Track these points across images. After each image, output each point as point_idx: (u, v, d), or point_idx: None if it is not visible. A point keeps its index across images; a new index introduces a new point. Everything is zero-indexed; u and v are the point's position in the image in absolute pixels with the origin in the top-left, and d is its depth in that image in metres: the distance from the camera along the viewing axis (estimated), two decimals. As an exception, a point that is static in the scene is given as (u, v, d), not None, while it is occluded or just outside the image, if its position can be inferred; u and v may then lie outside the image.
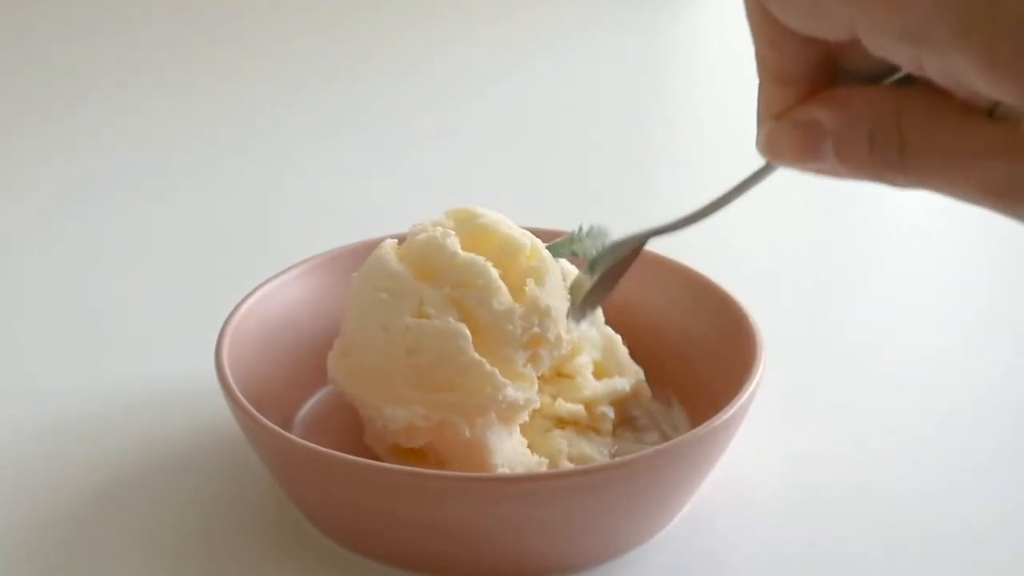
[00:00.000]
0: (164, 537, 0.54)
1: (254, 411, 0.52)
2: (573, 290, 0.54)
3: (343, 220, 0.80)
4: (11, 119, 0.95)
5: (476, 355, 0.52)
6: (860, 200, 0.85)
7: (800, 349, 0.66)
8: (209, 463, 0.58)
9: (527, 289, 0.54)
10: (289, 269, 0.61)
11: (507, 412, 0.53)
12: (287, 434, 0.52)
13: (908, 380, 0.66)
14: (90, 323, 0.70)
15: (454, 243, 0.54)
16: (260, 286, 0.60)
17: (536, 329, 0.53)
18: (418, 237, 0.55)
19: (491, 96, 1.01)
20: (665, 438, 0.57)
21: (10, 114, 0.95)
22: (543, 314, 0.53)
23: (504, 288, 0.53)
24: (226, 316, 0.57)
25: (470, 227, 0.56)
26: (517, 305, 0.53)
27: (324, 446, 0.50)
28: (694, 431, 0.51)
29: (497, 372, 0.53)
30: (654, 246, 0.63)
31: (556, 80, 1.04)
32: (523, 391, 0.53)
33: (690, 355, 0.58)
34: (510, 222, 0.56)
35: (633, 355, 0.60)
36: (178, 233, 0.79)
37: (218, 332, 0.56)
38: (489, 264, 0.54)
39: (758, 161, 0.43)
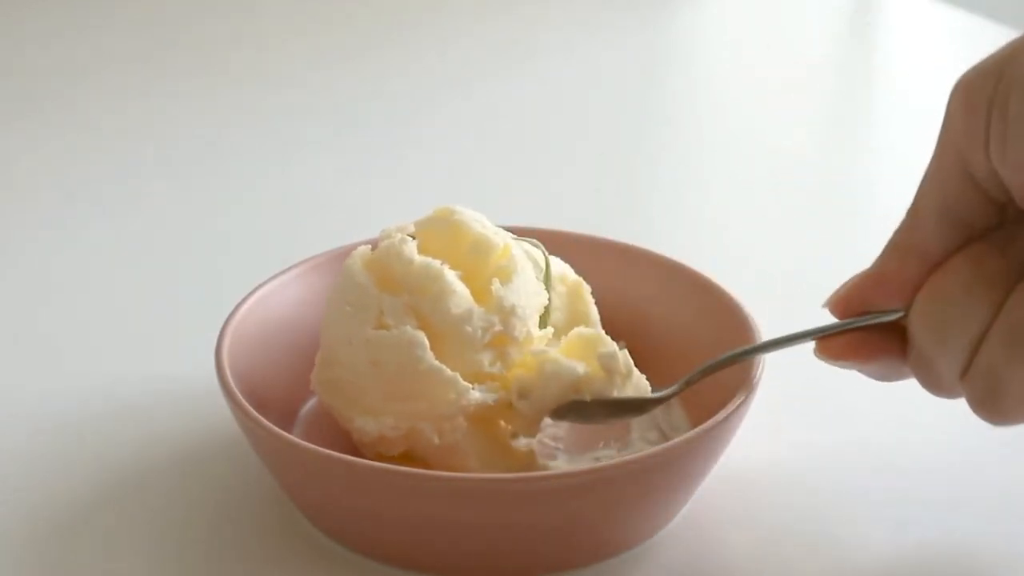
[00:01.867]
0: (164, 537, 0.54)
1: (254, 411, 0.52)
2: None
3: (343, 220, 0.80)
4: (10, 119, 0.94)
5: (435, 362, 0.52)
6: (861, 199, 0.85)
7: (800, 349, 0.66)
8: (209, 463, 0.58)
9: (492, 288, 0.53)
10: (289, 269, 0.61)
11: (478, 414, 0.53)
12: (287, 434, 0.52)
13: (908, 380, 0.65)
14: (90, 323, 0.70)
15: (411, 249, 0.54)
16: (260, 286, 0.60)
17: (499, 328, 0.53)
18: (381, 244, 0.55)
19: (490, 95, 1.00)
20: (665, 438, 0.57)
21: (9, 114, 0.95)
22: (507, 313, 0.53)
23: (461, 290, 0.53)
24: (226, 316, 0.57)
25: (442, 227, 0.55)
26: (476, 306, 0.53)
27: (324, 446, 0.50)
28: (694, 431, 0.51)
29: (459, 376, 0.52)
30: (653, 247, 0.64)
31: (555, 79, 1.04)
32: (492, 391, 0.53)
33: (690, 355, 0.58)
34: (486, 220, 0.56)
35: (633, 355, 0.60)
36: (178, 233, 0.79)
37: (218, 332, 0.56)
38: (445, 267, 0.53)
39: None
